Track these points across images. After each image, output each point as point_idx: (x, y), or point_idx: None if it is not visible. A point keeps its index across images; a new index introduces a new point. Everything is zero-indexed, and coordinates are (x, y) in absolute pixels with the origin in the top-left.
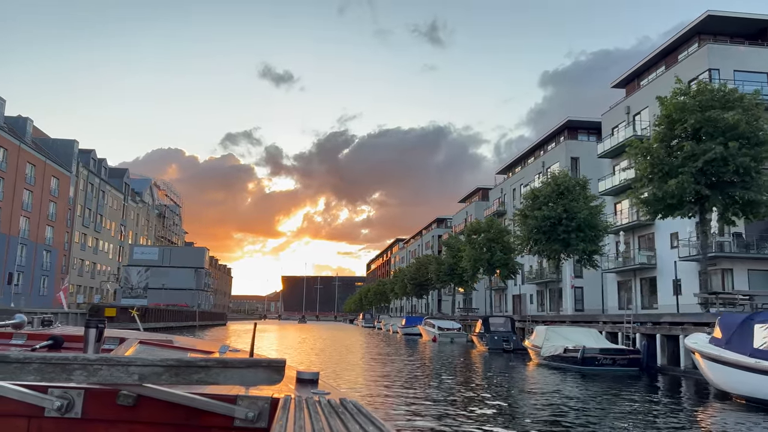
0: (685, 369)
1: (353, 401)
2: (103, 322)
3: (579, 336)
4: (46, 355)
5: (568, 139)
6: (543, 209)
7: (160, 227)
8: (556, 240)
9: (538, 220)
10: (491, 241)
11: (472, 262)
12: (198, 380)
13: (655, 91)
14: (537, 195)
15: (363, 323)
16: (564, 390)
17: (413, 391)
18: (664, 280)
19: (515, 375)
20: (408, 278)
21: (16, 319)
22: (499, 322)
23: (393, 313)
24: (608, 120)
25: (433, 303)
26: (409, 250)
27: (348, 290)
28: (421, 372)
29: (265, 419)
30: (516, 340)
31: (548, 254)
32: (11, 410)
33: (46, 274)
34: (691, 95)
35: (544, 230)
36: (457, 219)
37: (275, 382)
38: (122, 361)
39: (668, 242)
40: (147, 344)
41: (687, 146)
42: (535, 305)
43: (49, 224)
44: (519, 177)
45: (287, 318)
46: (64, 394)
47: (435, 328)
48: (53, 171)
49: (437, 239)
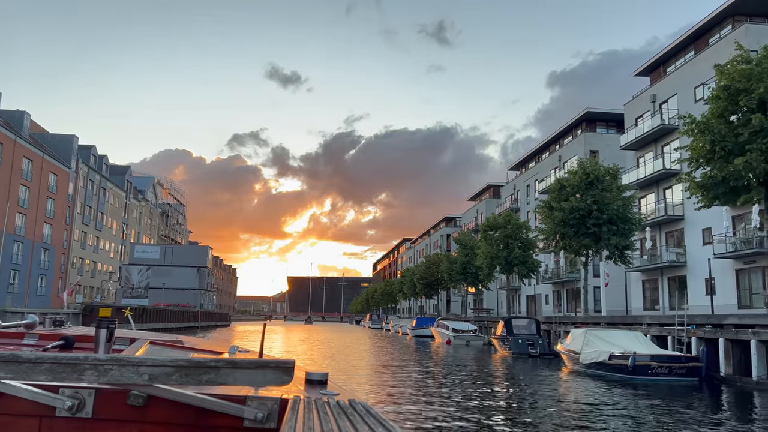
0: (759, 380)
1: (362, 402)
2: (113, 322)
3: (624, 340)
4: (57, 355)
5: (587, 132)
6: (571, 200)
7: (164, 226)
8: (586, 234)
9: (566, 212)
10: (508, 238)
11: (488, 260)
12: (208, 381)
13: (684, 77)
14: (564, 185)
15: (370, 324)
16: (625, 405)
17: (434, 406)
18: (695, 279)
19: (551, 385)
20: (417, 277)
21: (28, 320)
22: (522, 323)
23: (400, 314)
24: (631, 110)
25: (442, 304)
26: (417, 250)
27: (354, 291)
28: (439, 380)
29: (275, 420)
30: (542, 343)
31: (576, 250)
32: (23, 410)
33: (44, 273)
34: (756, 62)
35: (571, 223)
36: (467, 217)
37: (284, 382)
38: (132, 362)
39: (700, 238)
40: (157, 345)
41: (756, 119)
42: (551, 306)
43: (47, 221)
44: (533, 172)
45: (293, 319)
46: (75, 394)
47: (449, 330)
48: (51, 167)
49: (446, 238)
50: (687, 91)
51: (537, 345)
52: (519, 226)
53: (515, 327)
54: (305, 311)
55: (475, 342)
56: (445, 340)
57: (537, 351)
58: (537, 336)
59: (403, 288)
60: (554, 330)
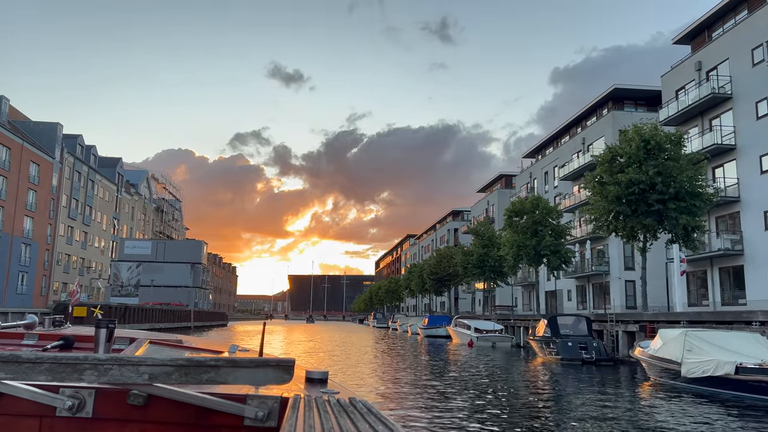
0: None
1: (363, 401)
2: (113, 322)
3: (743, 344)
4: (57, 355)
5: (615, 110)
6: (628, 172)
7: (158, 222)
8: (647, 213)
9: (622, 186)
10: (537, 224)
11: (515, 250)
12: (208, 380)
13: (738, 39)
14: (616, 154)
15: (375, 323)
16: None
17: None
18: (755, 270)
19: (658, 414)
20: (427, 273)
21: (28, 320)
22: (569, 322)
23: (405, 312)
24: (671, 81)
25: (450, 301)
26: (422, 246)
27: (356, 289)
28: (484, 396)
29: (275, 418)
30: (598, 347)
31: (630, 233)
32: (23, 410)
33: (25, 270)
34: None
35: (631, 198)
36: (477, 210)
37: (285, 381)
38: (132, 361)
39: (761, 222)
40: (157, 344)
41: None
42: (574, 302)
43: (28, 214)
44: (552, 158)
45: (294, 318)
46: (75, 394)
47: (471, 329)
48: (32, 156)
49: (453, 233)
50: (741, 54)
51: (592, 349)
52: (549, 210)
53: (561, 327)
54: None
55: (502, 344)
56: (466, 341)
57: (593, 356)
58: (590, 337)
59: (411, 284)
60: (609, 330)
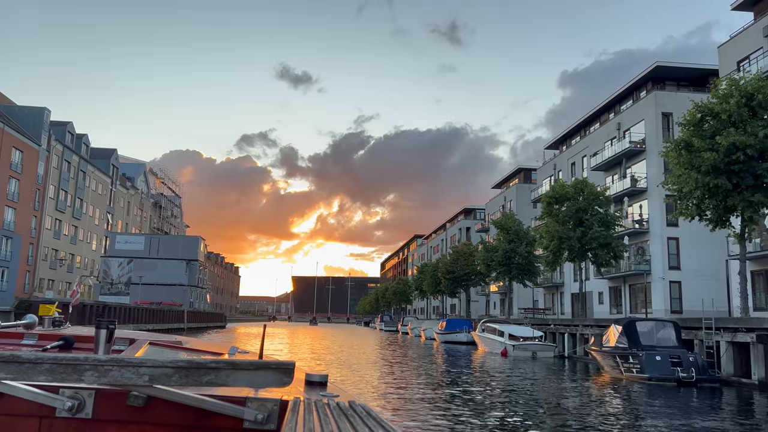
0: None
1: (362, 404)
2: (113, 323)
3: None
4: (57, 355)
5: (657, 90)
6: (730, 134)
7: (156, 218)
8: (754, 187)
9: (720, 154)
10: (581, 212)
11: (557, 242)
12: (208, 382)
13: None
14: (711, 112)
15: (383, 326)
16: None
17: None
18: None
19: None
20: (443, 272)
21: (27, 320)
22: (647, 329)
23: (415, 315)
24: (729, 52)
25: (462, 303)
26: (431, 246)
27: (360, 291)
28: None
29: (275, 421)
30: (696, 362)
31: (720, 215)
32: (23, 410)
33: (6, 266)
34: None
35: (733, 168)
36: (492, 206)
37: (284, 384)
38: (133, 362)
39: None
40: (157, 345)
41: None
42: (606, 306)
43: (10, 205)
44: (582, 146)
45: (297, 320)
46: (75, 395)
47: (504, 336)
48: (15, 141)
49: (465, 231)
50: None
51: (689, 365)
52: (596, 195)
53: (642, 335)
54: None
55: (544, 354)
56: (498, 350)
57: (692, 376)
58: (683, 349)
59: (423, 285)
60: (705, 339)
